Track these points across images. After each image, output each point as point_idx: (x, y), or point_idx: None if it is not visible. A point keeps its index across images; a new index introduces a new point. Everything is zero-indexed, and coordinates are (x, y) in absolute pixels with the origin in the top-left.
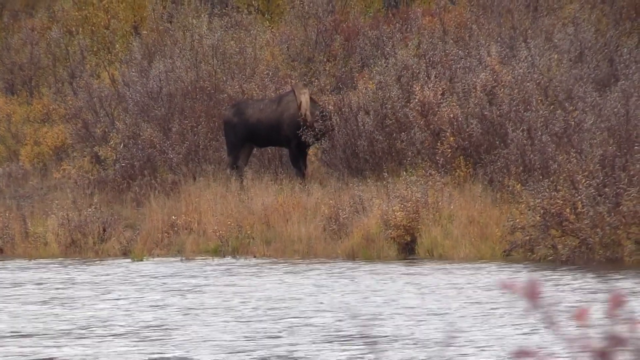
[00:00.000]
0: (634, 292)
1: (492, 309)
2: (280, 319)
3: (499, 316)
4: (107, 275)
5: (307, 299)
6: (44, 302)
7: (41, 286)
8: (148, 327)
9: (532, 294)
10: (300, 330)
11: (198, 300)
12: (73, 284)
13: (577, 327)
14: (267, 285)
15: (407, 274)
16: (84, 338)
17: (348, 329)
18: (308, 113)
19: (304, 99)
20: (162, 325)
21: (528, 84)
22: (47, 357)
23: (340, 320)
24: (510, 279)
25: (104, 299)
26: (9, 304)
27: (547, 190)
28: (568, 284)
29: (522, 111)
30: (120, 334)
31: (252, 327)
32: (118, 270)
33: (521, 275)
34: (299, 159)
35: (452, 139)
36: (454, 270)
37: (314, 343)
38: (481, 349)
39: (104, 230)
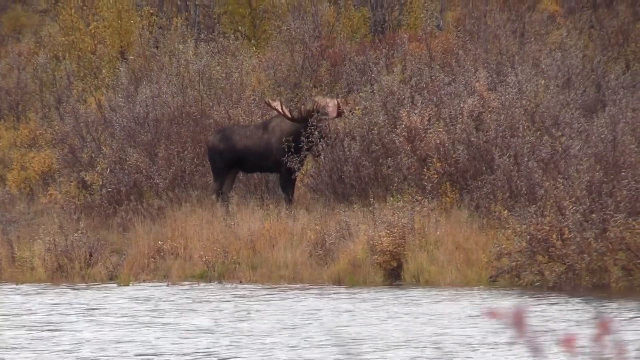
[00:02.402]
0: (621, 319)
1: (477, 335)
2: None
3: (485, 343)
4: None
5: (296, 325)
6: (33, 328)
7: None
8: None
9: (517, 322)
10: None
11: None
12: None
13: (563, 354)
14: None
15: (394, 300)
16: None
17: (334, 356)
18: (336, 112)
19: (332, 103)
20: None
21: (515, 109)
22: None
23: (326, 347)
24: (496, 306)
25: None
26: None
27: (534, 216)
28: (554, 310)
29: (509, 137)
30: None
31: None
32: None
33: (507, 302)
34: (289, 184)
35: (438, 164)
36: (439, 296)
37: None
38: None
39: (91, 255)
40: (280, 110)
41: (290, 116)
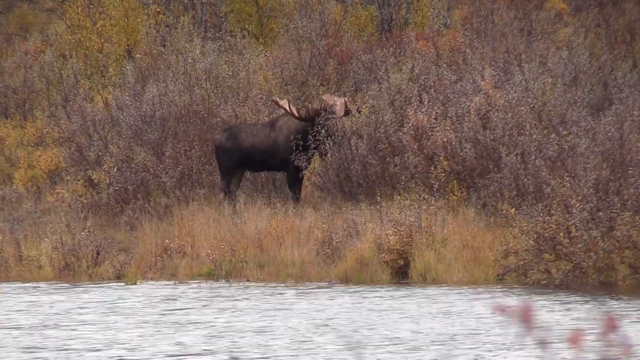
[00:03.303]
0: (627, 316)
1: (484, 333)
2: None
3: (492, 340)
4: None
5: (302, 323)
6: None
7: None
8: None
9: (525, 318)
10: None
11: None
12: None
13: (570, 351)
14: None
15: (400, 298)
16: None
17: (340, 354)
18: (343, 110)
19: (339, 102)
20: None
21: (522, 108)
22: None
23: (332, 345)
24: (503, 303)
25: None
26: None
27: (541, 214)
28: (561, 308)
29: (516, 135)
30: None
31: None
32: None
33: (514, 300)
34: (296, 183)
35: (445, 163)
36: (447, 295)
37: None
38: None
39: (98, 253)
40: (288, 109)
41: (297, 115)
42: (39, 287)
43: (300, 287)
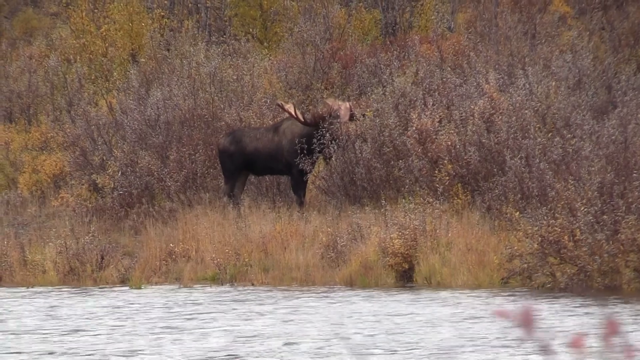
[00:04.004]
0: (631, 320)
1: (488, 337)
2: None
3: (495, 344)
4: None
5: (305, 326)
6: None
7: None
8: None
9: (526, 322)
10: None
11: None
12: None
13: (573, 354)
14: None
15: (405, 302)
16: None
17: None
18: (348, 115)
19: (344, 106)
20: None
21: (526, 111)
22: None
23: (335, 349)
24: (505, 306)
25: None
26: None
27: (545, 217)
28: (566, 312)
29: (520, 138)
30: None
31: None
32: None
33: (518, 303)
34: (300, 186)
35: (449, 166)
36: (451, 298)
37: None
38: None
39: (102, 258)
40: (293, 113)
41: (302, 119)
42: (45, 291)
43: (318, 290)
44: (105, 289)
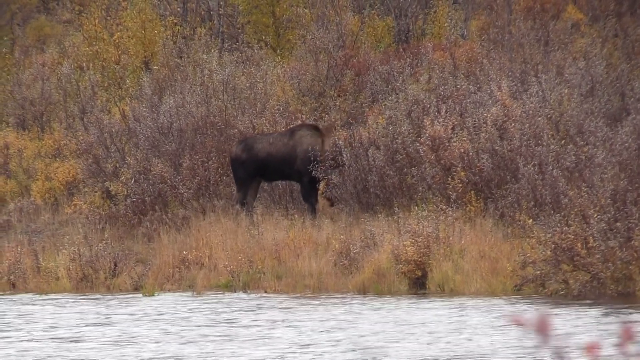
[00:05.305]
0: None
1: (503, 344)
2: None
3: (510, 352)
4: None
5: (320, 335)
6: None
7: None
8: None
9: (542, 329)
10: None
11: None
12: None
13: None
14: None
15: (418, 309)
16: None
17: None
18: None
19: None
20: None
21: (539, 118)
22: None
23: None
24: (521, 313)
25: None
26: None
27: (558, 225)
28: (579, 319)
29: (533, 146)
30: None
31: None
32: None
33: (532, 310)
34: (311, 195)
35: (462, 173)
36: (464, 305)
37: None
38: None
39: (115, 265)
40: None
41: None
42: (62, 298)
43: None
44: (160, 297)
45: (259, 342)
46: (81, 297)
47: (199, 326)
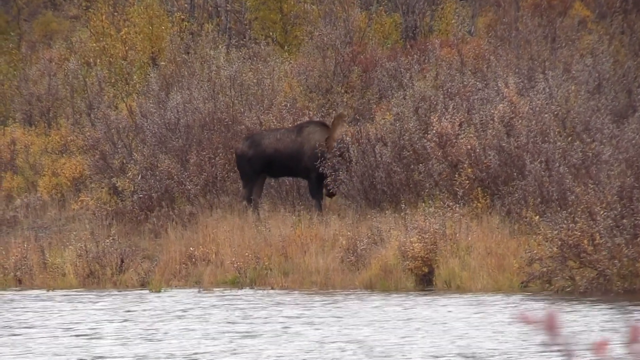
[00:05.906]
0: None
1: (510, 341)
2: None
3: (518, 349)
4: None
5: (324, 330)
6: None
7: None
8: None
9: (551, 326)
10: None
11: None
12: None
13: (596, 359)
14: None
15: (425, 305)
16: None
17: None
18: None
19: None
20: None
21: (546, 115)
22: None
23: (355, 355)
24: (528, 311)
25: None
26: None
27: (565, 221)
28: (586, 316)
29: (540, 142)
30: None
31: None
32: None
33: (539, 307)
34: (318, 191)
35: (469, 170)
36: (471, 302)
37: None
38: None
39: (122, 261)
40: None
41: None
42: (68, 294)
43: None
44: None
45: (281, 339)
46: (89, 293)
47: (217, 323)
